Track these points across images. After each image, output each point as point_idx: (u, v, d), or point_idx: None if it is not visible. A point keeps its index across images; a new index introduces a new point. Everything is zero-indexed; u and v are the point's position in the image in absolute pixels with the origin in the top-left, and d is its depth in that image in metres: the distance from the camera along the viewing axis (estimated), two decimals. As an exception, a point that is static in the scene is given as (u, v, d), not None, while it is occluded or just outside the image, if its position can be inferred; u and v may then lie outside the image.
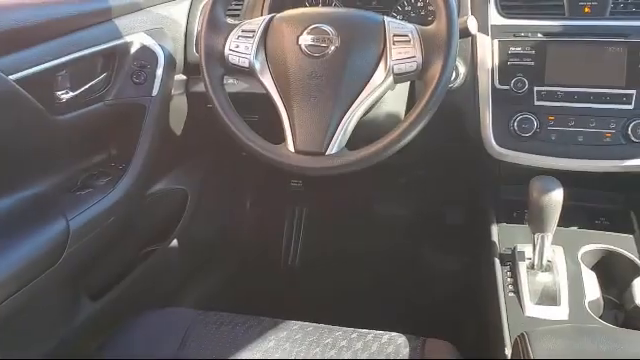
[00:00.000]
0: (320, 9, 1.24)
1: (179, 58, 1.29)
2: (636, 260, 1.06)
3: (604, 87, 1.08)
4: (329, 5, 1.29)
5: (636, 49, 1.06)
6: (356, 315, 1.16)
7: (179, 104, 1.32)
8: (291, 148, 0.98)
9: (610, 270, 1.08)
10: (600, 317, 0.99)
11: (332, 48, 0.96)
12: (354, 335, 1.00)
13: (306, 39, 0.97)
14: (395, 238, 1.79)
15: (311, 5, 1.30)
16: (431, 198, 1.79)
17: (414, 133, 0.93)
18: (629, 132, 1.05)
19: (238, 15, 1.27)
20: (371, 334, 1.01)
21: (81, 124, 1.12)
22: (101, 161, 1.23)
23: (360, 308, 1.53)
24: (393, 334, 1.02)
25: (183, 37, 1.30)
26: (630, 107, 1.06)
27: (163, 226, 1.49)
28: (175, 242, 1.49)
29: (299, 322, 1.04)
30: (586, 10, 1.10)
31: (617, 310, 1.05)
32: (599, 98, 1.08)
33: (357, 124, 0.98)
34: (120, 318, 1.07)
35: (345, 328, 1.03)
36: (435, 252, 1.76)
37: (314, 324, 1.04)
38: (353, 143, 0.98)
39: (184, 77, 1.32)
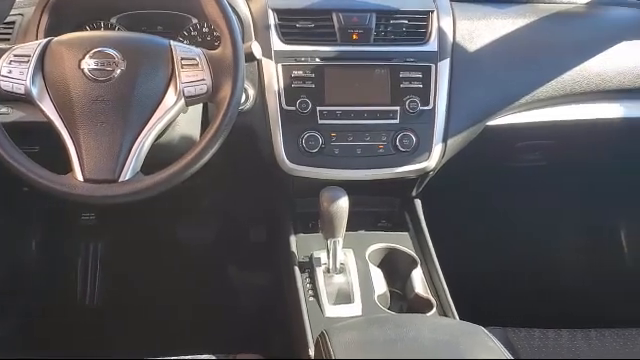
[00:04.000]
0: (103, 32, 1.21)
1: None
2: (413, 254, 1.21)
3: (375, 105, 1.21)
4: (112, 29, 1.26)
5: (397, 71, 1.21)
6: (168, 343, 1.14)
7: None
8: (80, 177, 0.93)
9: (393, 265, 1.21)
10: (388, 308, 1.11)
11: (118, 72, 0.94)
12: (164, 363, 0.98)
13: (89, 63, 0.94)
14: (201, 261, 1.78)
15: (92, 29, 1.25)
16: (234, 218, 1.82)
17: (210, 154, 0.95)
18: (397, 143, 1.20)
19: (8, 39, 1.17)
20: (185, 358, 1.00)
21: None
22: None
23: (171, 335, 1.49)
24: (204, 356, 1.03)
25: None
26: (396, 121, 1.20)
27: None
28: None
29: None
30: (354, 37, 1.22)
31: (402, 301, 1.18)
32: (371, 115, 1.21)
33: (151, 148, 0.97)
34: None
35: (152, 359, 1.00)
36: (242, 270, 1.80)
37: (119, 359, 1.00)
38: (148, 168, 0.96)
39: (-56, 107, 1.17)
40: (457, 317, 1.08)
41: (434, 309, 1.09)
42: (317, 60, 1.21)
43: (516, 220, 1.78)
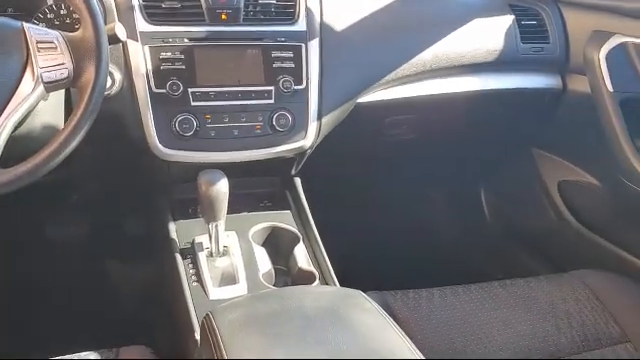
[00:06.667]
0: (-59, 15, 1.09)
1: None
2: (295, 231, 1.24)
3: (249, 85, 1.20)
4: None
5: (269, 51, 1.22)
6: (47, 344, 1.07)
7: None
8: None
9: (276, 243, 1.24)
10: (273, 285, 1.14)
11: (-38, 58, 0.86)
12: (41, 365, 0.93)
13: None
14: (76, 258, 1.69)
15: None
16: (109, 211, 1.74)
17: (74, 143, 0.90)
18: (274, 123, 1.20)
19: None
20: (65, 358, 0.96)
21: None
22: None
23: (50, 336, 1.41)
24: (85, 353, 0.99)
25: None
26: (271, 101, 1.21)
27: None
28: None
29: None
30: (223, 17, 1.21)
31: (286, 276, 1.21)
32: (246, 95, 1.20)
33: (10, 139, 0.90)
34: None
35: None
36: (121, 264, 1.73)
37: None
38: (8, 161, 0.90)
39: None
40: (338, 285, 1.12)
41: (317, 281, 1.13)
42: (186, 41, 1.18)
43: (391, 190, 1.89)
